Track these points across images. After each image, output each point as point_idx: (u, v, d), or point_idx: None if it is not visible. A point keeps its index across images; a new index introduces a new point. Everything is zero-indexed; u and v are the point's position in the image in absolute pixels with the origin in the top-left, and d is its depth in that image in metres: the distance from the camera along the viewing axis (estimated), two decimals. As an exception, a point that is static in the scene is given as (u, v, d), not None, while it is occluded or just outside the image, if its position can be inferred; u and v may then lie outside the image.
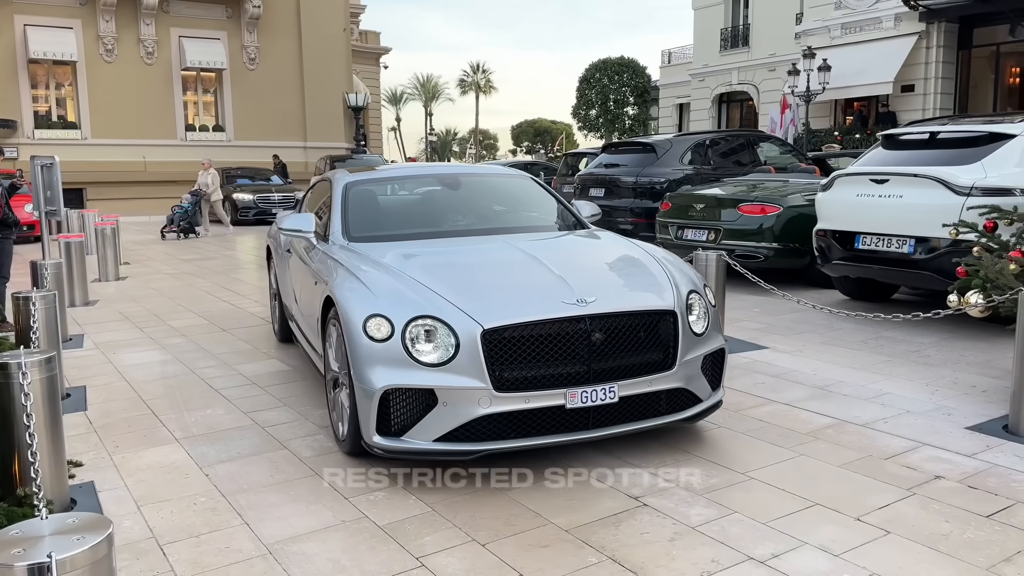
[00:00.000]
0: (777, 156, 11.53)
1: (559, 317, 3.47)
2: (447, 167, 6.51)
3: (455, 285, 3.71)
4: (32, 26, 22.50)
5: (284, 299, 5.99)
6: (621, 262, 4.34)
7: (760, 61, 28.24)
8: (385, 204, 5.43)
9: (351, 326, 3.56)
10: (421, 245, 4.50)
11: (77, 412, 4.73)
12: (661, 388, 3.64)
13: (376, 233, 4.77)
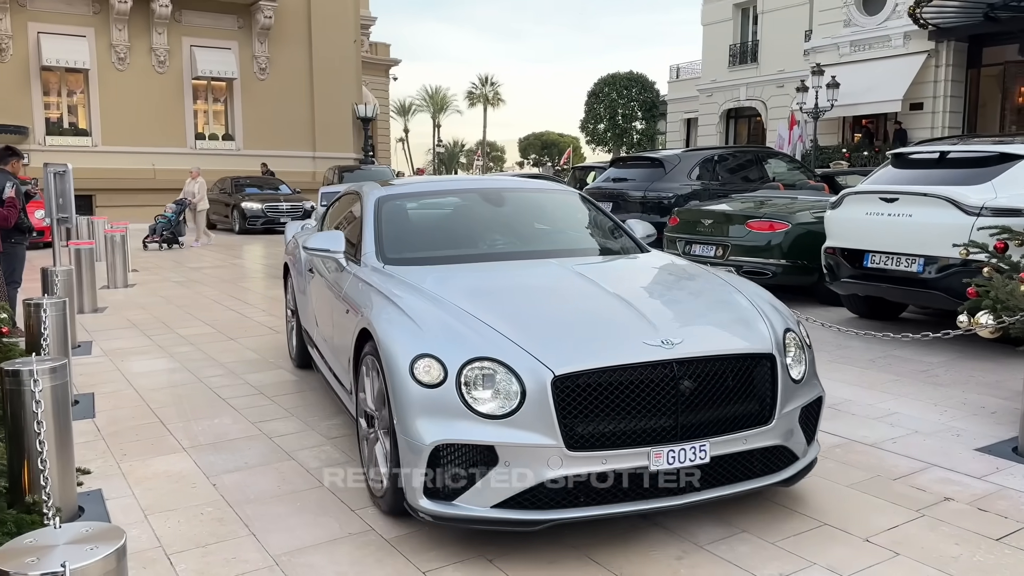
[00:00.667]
0: (785, 172, 11.54)
1: (643, 362, 2.98)
2: (488, 180, 6.06)
3: (516, 320, 3.23)
4: (46, 34, 22.70)
5: (304, 323, 5.52)
6: (702, 294, 3.79)
7: (768, 77, 28.31)
8: (422, 221, 4.90)
9: (395, 367, 3.07)
10: (467, 270, 4.00)
11: (85, 419, 4.74)
12: (757, 446, 3.14)
13: (414, 255, 4.26)
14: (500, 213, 4.91)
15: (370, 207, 4.58)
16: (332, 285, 4.43)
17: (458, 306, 3.34)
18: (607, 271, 4.18)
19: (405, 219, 4.71)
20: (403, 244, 4.37)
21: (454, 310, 3.31)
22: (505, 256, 4.30)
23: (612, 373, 2.95)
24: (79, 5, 23.12)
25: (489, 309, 3.31)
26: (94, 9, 23.34)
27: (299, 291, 5.64)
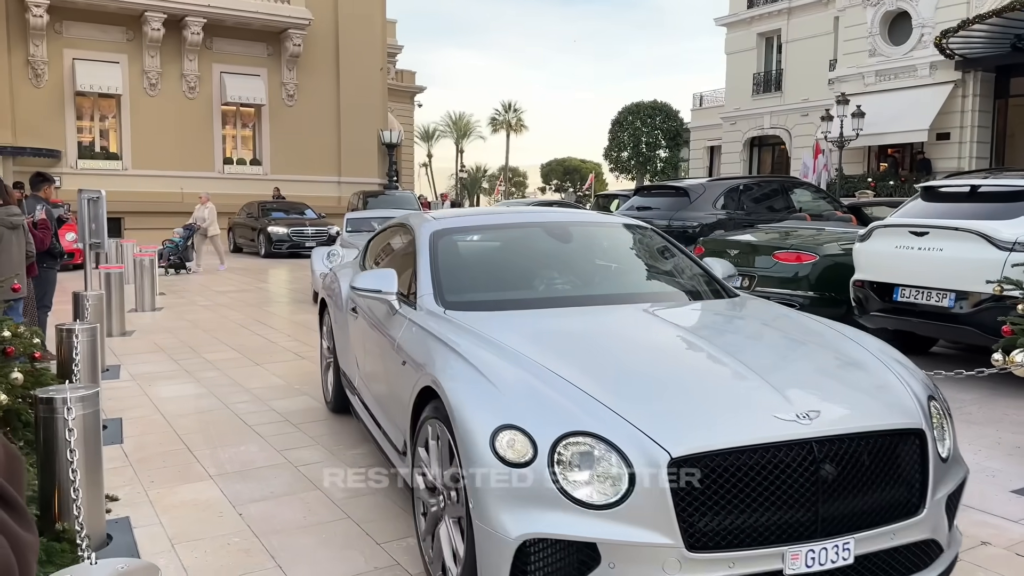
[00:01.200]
0: (812, 203, 11.47)
1: (778, 441, 2.47)
2: (551, 213, 5.58)
3: (614, 384, 2.74)
4: (80, 60, 23.20)
5: (343, 365, 5.05)
6: (823, 350, 3.24)
7: (793, 106, 28.28)
8: (483, 259, 4.48)
9: (471, 439, 2.57)
10: (543, 317, 3.55)
11: (113, 444, 4.77)
12: (906, 541, 2.60)
13: (477, 297, 3.81)
14: (567, 250, 4.47)
15: (424, 243, 4.08)
16: (382, 329, 3.96)
17: (542, 364, 2.85)
18: (704, 321, 3.72)
19: (464, 256, 4.27)
20: (464, 285, 3.92)
21: (538, 369, 2.82)
22: (580, 300, 3.82)
23: (740, 455, 2.44)
24: (113, 32, 23.64)
25: (579, 369, 2.83)
26: (128, 36, 23.85)
27: (338, 330, 5.15)
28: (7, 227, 5.99)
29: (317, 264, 10.93)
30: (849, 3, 24.19)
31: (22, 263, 6.17)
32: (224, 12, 24.14)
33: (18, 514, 0.90)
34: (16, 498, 0.91)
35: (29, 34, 22.22)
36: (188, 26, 23.86)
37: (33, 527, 0.92)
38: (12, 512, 0.89)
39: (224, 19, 24.31)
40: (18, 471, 0.95)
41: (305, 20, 25.38)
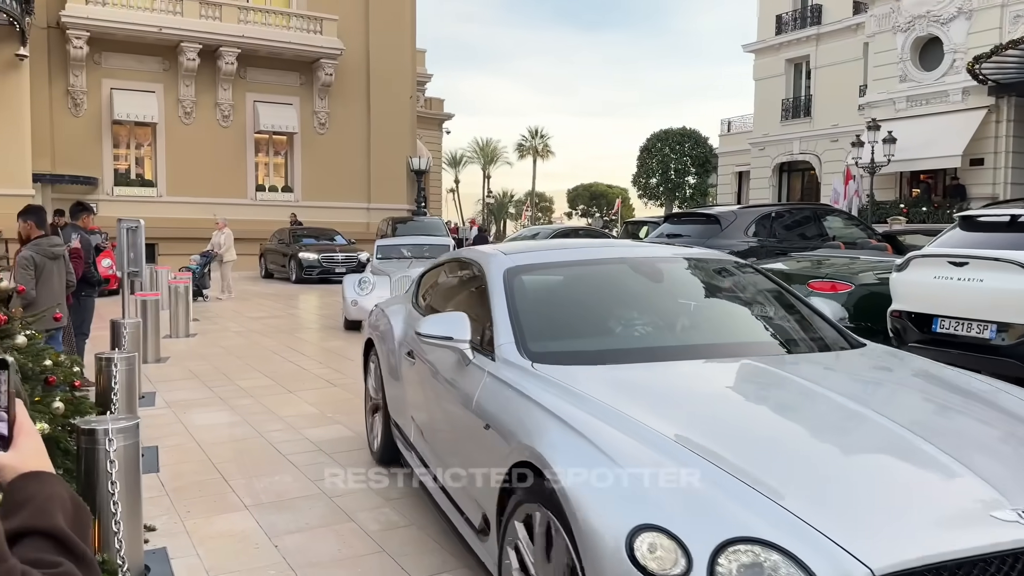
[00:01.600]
0: (845, 230, 11.35)
1: (1007, 549, 1.93)
2: (635, 248, 4.89)
3: (776, 470, 2.17)
4: (118, 89, 23.76)
5: (396, 415, 4.50)
6: (1007, 420, 2.69)
7: (822, 132, 28.14)
8: (567, 301, 3.90)
9: (598, 541, 2.03)
10: (655, 373, 3.01)
11: (150, 473, 4.80)
12: None
13: (568, 347, 3.32)
14: (661, 290, 3.97)
15: (497, 282, 3.56)
16: (452, 382, 3.43)
17: (674, 439, 2.30)
18: (853, 381, 3.08)
19: (545, 298, 3.78)
20: (550, 332, 3.44)
21: (672, 447, 2.26)
22: (690, 352, 3.25)
23: (958, 568, 1.89)
24: (150, 62, 24.20)
25: (723, 446, 2.25)
26: (164, 66, 24.40)
27: (389, 375, 4.59)
28: (49, 257, 6.11)
29: (348, 291, 11.03)
30: (879, 29, 24.10)
31: (63, 292, 6.28)
32: (258, 43, 24.64)
33: (85, 564, 0.92)
34: (84, 549, 0.93)
35: (69, 65, 22.82)
36: (222, 56, 24.36)
37: (98, 574, 0.94)
38: (79, 562, 0.91)
39: (258, 49, 24.80)
40: (85, 522, 0.96)
41: (337, 50, 25.81)
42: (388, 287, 10.99)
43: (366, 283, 11.15)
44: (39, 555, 0.86)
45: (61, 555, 0.89)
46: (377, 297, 11.12)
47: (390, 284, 11.03)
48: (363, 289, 11.06)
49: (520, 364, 3.05)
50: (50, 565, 0.86)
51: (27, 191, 18.65)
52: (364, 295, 10.90)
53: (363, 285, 11.11)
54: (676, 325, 3.69)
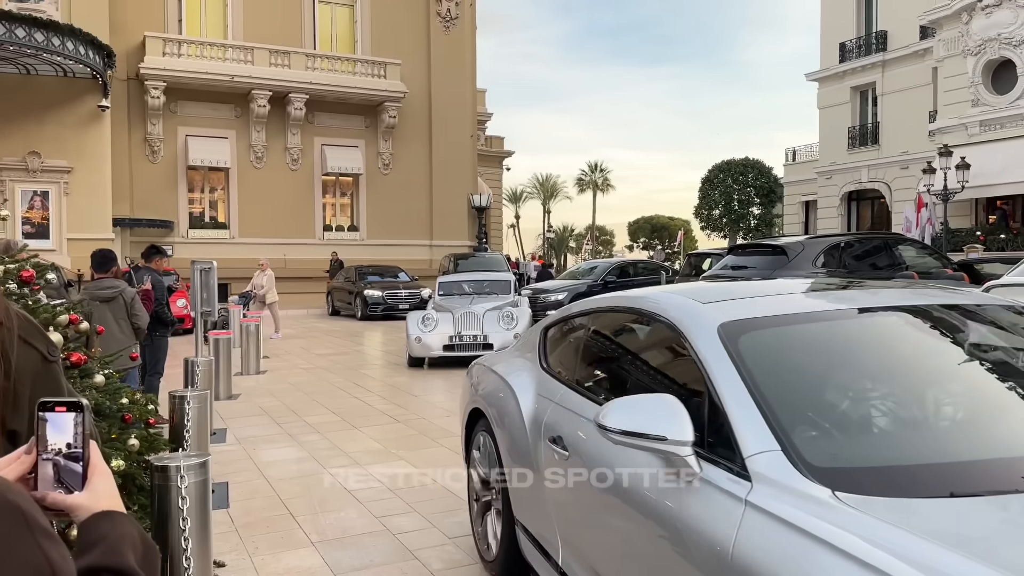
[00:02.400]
0: (918, 259, 11.01)
1: None
2: (875, 292, 3.08)
3: None
4: (193, 136, 24.78)
5: (527, 522, 3.31)
6: None
7: (891, 159, 27.46)
8: (834, 375, 2.52)
9: None
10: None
11: (220, 509, 4.90)
12: None
13: (879, 460, 2.07)
14: (956, 355, 2.67)
15: (713, 345, 2.39)
16: (659, 508, 2.22)
17: None
18: None
19: (798, 370, 2.49)
20: (830, 431, 2.23)
21: None
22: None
23: None
24: (223, 110, 25.19)
25: None
26: (236, 113, 25.36)
27: (517, 467, 3.33)
28: (99, 300, 6.37)
29: (412, 328, 11.20)
30: (948, 53, 23.53)
31: (122, 332, 6.52)
32: (325, 88, 25.43)
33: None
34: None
35: (147, 114, 23.92)
36: (291, 102, 25.21)
37: None
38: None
39: (325, 95, 25.58)
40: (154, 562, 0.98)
41: (400, 93, 26.45)
42: (451, 323, 11.24)
43: (429, 320, 11.34)
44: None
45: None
46: (440, 334, 11.18)
47: (453, 321, 11.28)
48: (426, 326, 11.25)
49: (810, 493, 1.83)
50: None
51: (107, 235, 19.50)
52: (427, 332, 11.16)
53: (427, 322, 11.30)
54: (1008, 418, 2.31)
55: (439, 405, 8.46)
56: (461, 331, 11.21)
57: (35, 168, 19.21)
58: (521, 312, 11.71)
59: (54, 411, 0.95)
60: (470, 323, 11.30)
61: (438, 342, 11.12)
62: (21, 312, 1.30)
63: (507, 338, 10.80)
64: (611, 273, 18.76)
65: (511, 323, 11.27)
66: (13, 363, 1.20)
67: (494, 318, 11.38)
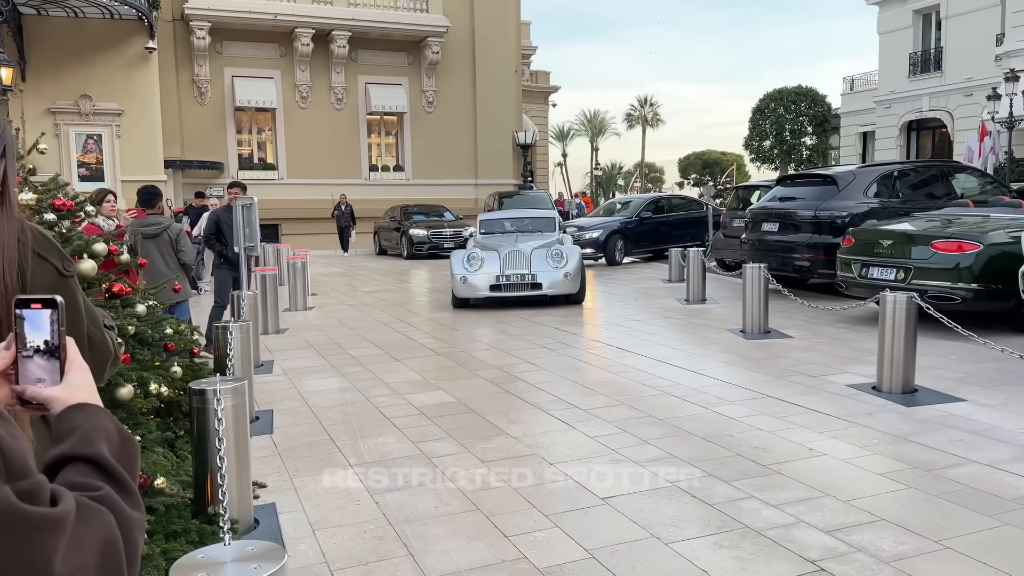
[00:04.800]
0: (976, 188, 10.59)
1: None
2: None
3: None
4: (239, 77, 24.89)
5: None
6: None
7: (955, 86, 26.20)
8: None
9: None
10: None
11: (264, 435, 5.07)
12: None
13: None
14: None
15: None
16: None
17: None
18: None
19: None
20: None
21: None
22: None
23: None
24: (267, 49, 25.20)
25: None
26: (280, 52, 25.35)
27: None
28: (145, 236, 6.57)
29: (456, 268, 10.83)
30: (1019, -30, 22.15)
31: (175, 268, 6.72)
32: (367, 24, 25.19)
33: (127, 493, 0.94)
34: (126, 478, 0.95)
35: (194, 55, 24.06)
36: (334, 40, 25.06)
37: (140, 505, 0.95)
38: (122, 491, 0.93)
39: (368, 31, 25.36)
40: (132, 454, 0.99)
41: (443, 28, 26.06)
42: (498, 262, 10.72)
43: (475, 259, 10.81)
44: (80, 479, 0.88)
45: (103, 481, 0.91)
46: (487, 274, 10.60)
47: (499, 260, 10.74)
48: (472, 265, 10.76)
49: None
50: (90, 489, 0.89)
51: (160, 177, 19.86)
52: (473, 271, 10.70)
53: (472, 261, 10.80)
54: None
55: (480, 339, 8.54)
56: (508, 270, 10.64)
57: (87, 111, 19.56)
58: (570, 250, 11.01)
59: (31, 308, 0.96)
60: (517, 262, 10.70)
61: (484, 282, 10.61)
62: (36, 228, 1.33)
63: (556, 277, 10.48)
64: (646, 209, 18.24)
65: (560, 261, 10.68)
66: (28, 278, 1.23)
67: (542, 256, 10.79)
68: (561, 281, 10.55)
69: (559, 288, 10.58)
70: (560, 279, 10.53)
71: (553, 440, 4.78)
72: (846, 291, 8.72)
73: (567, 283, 10.58)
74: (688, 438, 4.72)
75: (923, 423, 4.89)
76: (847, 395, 5.64)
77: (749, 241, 11.30)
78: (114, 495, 0.90)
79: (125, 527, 0.89)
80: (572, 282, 10.61)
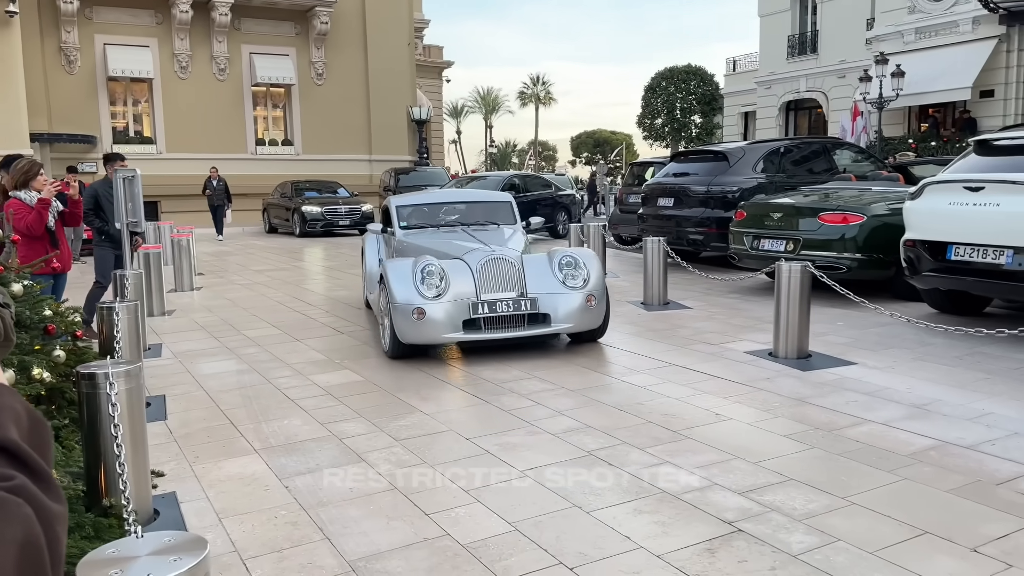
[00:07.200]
0: (855, 163, 11.15)
1: None
2: None
3: None
4: (111, 45, 23.34)
5: None
6: None
7: (829, 68, 27.55)
8: None
9: None
10: None
11: (157, 421, 4.77)
12: None
13: None
14: None
15: None
16: None
17: None
18: None
19: None
20: None
21: None
22: None
23: None
24: (142, 16, 23.72)
25: None
26: (157, 19, 23.92)
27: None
28: None
29: (401, 290, 6.01)
30: (887, -42, 23.41)
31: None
32: (251, -8, 24.12)
33: (44, 483, 0.81)
34: (42, 466, 0.82)
35: (60, 21, 22.38)
36: (216, 7, 23.85)
37: (61, 496, 0.82)
38: (38, 480, 0.80)
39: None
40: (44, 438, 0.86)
41: (331, -3, 25.26)
42: (470, 279, 6.14)
43: (433, 274, 6.06)
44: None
45: (15, 470, 0.78)
46: (456, 301, 5.97)
47: (472, 274, 6.16)
48: (428, 287, 6.00)
49: None
50: (1, 479, 0.76)
51: (25, 150, 18.42)
52: (433, 297, 5.96)
53: (428, 279, 6.04)
54: None
55: (382, 316, 8.35)
56: (489, 293, 6.10)
57: (-62, 79, 17.91)
58: (583, 255, 6.55)
59: None
60: (502, 276, 6.19)
61: (453, 315, 5.96)
62: None
63: (573, 303, 6.16)
64: (503, 188, 18.00)
65: (576, 274, 6.30)
66: None
67: (543, 266, 6.36)
68: (580, 309, 6.19)
69: (577, 321, 6.21)
70: (578, 306, 6.17)
71: (467, 415, 4.72)
72: (739, 263, 9.02)
73: (589, 313, 6.24)
74: (600, 408, 4.76)
75: (819, 386, 5.11)
76: (746, 362, 5.83)
77: (645, 216, 11.52)
78: (30, 485, 0.77)
79: (46, 521, 0.77)
80: (596, 311, 6.29)
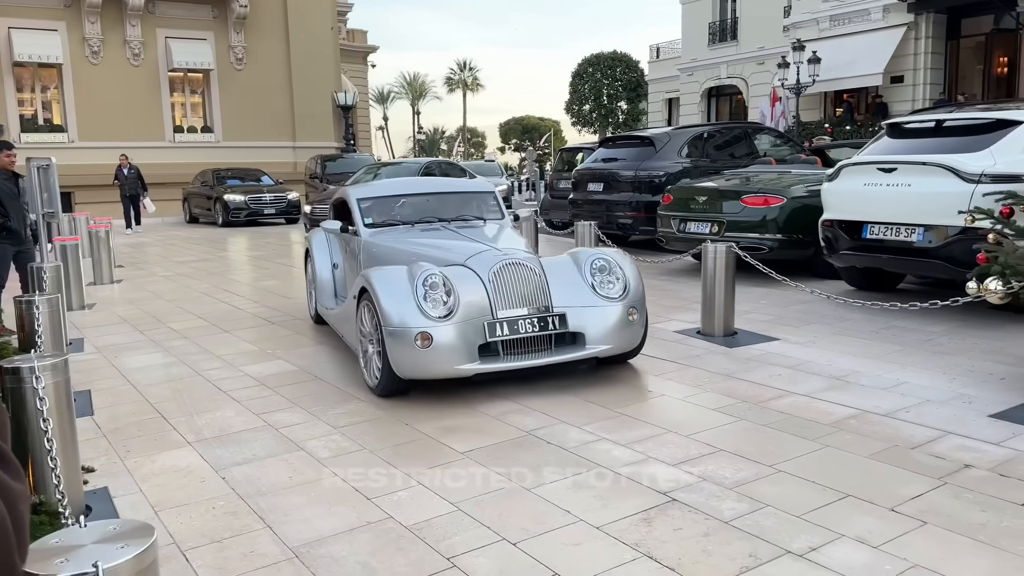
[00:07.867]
0: (775, 147, 11.51)
1: None
2: None
3: None
4: (16, 28, 22.21)
5: None
6: None
7: (749, 55, 28.27)
8: None
9: None
10: None
11: (84, 417, 4.62)
12: None
13: None
14: None
15: None
16: None
17: None
18: None
19: None
20: None
21: None
22: None
23: None
24: (49, -2, 22.67)
25: None
26: (65, 2, 22.86)
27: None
28: None
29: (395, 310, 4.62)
30: (802, -52, 24.10)
31: None
32: (165, -26, 23.28)
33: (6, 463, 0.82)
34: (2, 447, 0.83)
35: (-41, 2, 21.21)
36: (128, -11, 22.95)
37: (22, 475, 0.83)
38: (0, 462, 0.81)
39: (165, -19, 23.43)
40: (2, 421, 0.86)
41: (250, -20, 24.57)
42: (482, 290, 4.79)
43: (436, 286, 4.69)
44: None
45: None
46: (469, 321, 4.62)
47: (483, 284, 4.81)
48: (433, 303, 4.63)
49: None
50: None
51: (-76, 140, 17.43)
52: (440, 318, 4.59)
53: (431, 291, 4.66)
54: None
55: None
56: (507, 309, 4.76)
57: None
58: (617, 257, 5.23)
59: None
60: (520, 286, 4.85)
61: (469, 340, 4.61)
62: None
63: (611, 317, 4.89)
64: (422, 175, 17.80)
65: (611, 280, 5.05)
66: None
67: (569, 271, 5.11)
68: (619, 326, 4.92)
69: (616, 340, 4.92)
70: (616, 321, 4.91)
71: (406, 400, 4.72)
72: (666, 245, 9.23)
73: (630, 330, 5.00)
74: (536, 387, 4.83)
75: (746, 362, 5.30)
76: (676, 340, 5.99)
77: (576, 201, 11.66)
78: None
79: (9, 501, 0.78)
80: (637, 326, 5.06)
